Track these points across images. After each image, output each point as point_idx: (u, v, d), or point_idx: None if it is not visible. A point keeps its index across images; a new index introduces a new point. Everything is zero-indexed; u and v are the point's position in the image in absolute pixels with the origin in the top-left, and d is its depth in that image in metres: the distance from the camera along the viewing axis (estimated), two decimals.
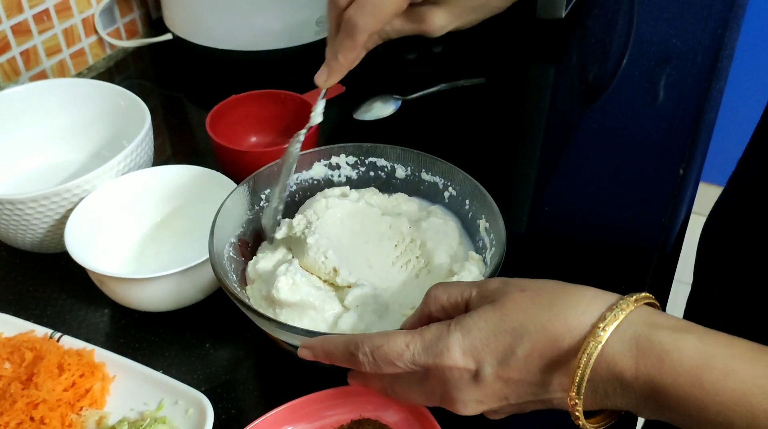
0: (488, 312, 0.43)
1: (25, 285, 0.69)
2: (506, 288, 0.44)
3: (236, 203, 0.63)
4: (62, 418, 0.54)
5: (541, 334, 0.41)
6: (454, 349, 0.43)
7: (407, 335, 0.45)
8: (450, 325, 0.44)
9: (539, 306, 0.42)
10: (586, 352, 0.39)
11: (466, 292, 0.46)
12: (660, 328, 0.39)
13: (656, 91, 0.93)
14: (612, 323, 0.39)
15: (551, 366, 0.41)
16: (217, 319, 0.65)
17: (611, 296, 0.42)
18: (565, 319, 0.41)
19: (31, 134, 0.78)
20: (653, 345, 0.38)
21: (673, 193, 0.76)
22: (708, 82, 0.92)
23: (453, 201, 0.66)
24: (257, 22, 0.93)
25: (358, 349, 0.46)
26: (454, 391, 0.44)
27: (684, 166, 0.79)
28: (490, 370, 0.42)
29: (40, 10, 0.91)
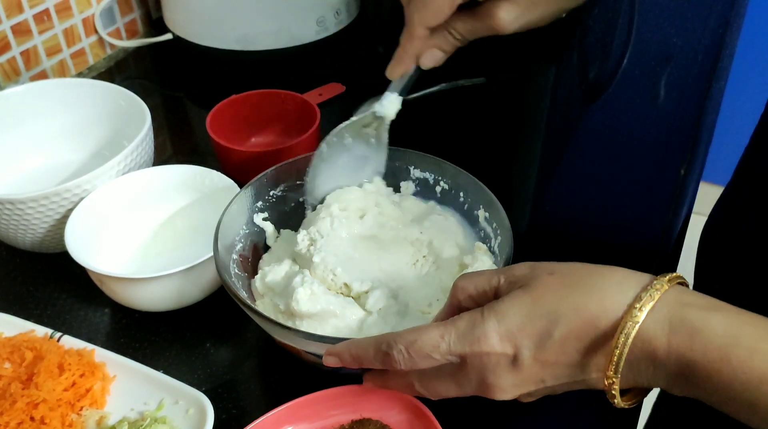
0: (520, 297, 0.43)
1: (26, 285, 0.69)
2: (534, 272, 0.45)
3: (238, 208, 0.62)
4: (62, 418, 0.54)
5: (577, 315, 0.42)
6: (491, 335, 0.43)
7: (440, 327, 0.45)
8: (483, 312, 0.44)
9: (571, 288, 0.42)
10: (623, 332, 0.40)
11: (494, 280, 0.47)
12: (691, 306, 0.40)
13: (657, 91, 0.93)
14: (648, 303, 0.40)
15: (588, 347, 0.42)
16: (218, 319, 0.65)
17: (643, 276, 0.42)
18: (600, 300, 0.41)
19: (31, 134, 0.78)
20: (684, 323, 0.39)
21: (674, 193, 0.76)
22: (709, 81, 0.92)
23: (446, 195, 0.66)
24: (258, 22, 0.93)
25: (392, 347, 0.46)
26: (492, 377, 0.44)
27: (685, 166, 0.79)
28: (528, 353, 0.43)
29: (41, 10, 0.91)
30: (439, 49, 0.62)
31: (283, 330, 0.52)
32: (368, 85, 0.91)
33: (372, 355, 0.47)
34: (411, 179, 0.68)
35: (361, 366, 0.49)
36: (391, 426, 0.53)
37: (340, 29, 0.98)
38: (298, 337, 0.52)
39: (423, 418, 0.52)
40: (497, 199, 0.60)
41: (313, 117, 0.77)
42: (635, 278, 0.42)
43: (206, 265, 0.60)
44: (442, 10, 0.57)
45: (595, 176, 0.81)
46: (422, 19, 0.58)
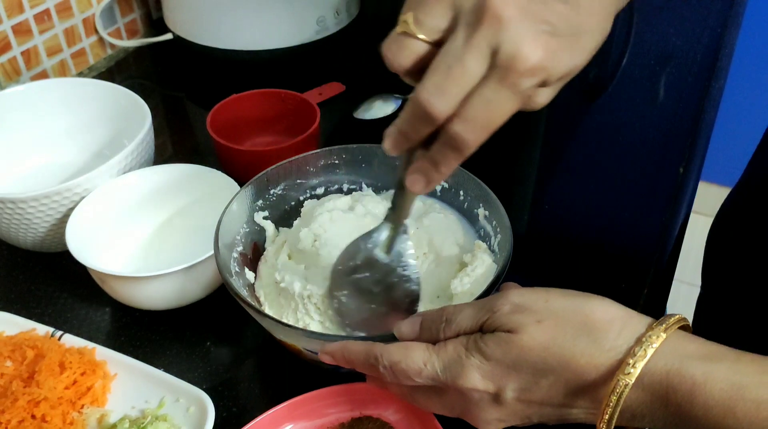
0: (506, 343, 0.42)
1: (27, 284, 0.69)
2: (521, 317, 0.42)
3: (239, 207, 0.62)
4: (63, 416, 0.54)
5: (566, 369, 0.41)
6: (473, 374, 0.43)
7: (425, 352, 0.45)
8: (467, 347, 0.43)
9: (561, 343, 0.41)
10: (615, 391, 0.39)
11: (482, 314, 0.45)
12: (691, 358, 0.39)
13: (656, 91, 0.93)
14: (642, 359, 0.39)
15: (576, 393, 0.41)
16: (218, 318, 0.65)
17: (639, 324, 0.41)
18: (590, 357, 0.40)
19: (32, 134, 0.78)
20: (684, 378, 0.38)
21: (674, 192, 0.76)
22: (708, 81, 0.92)
23: (446, 193, 0.66)
24: (258, 22, 0.93)
25: (378, 362, 0.46)
26: (475, 410, 0.44)
27: (684, 164, 0.79)
28: (511, 394, 0.42)
29: (41, 10, 0.91)
30: None
31: (284, 328, 0.52)
32: (368, 85, 0.92)
33: (361, 363, 0.47)
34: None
35: (353, 369, 0.49)
36: (391, 423, 0.54)
37: (340, 29, 0.98)
38: (298, 335, 0.53)
39: (422, 416, 0.53)
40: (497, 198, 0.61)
41: (313, 116, 0.77)
42: (631, 327, 0.40)
43: (207, 263, 0.61)
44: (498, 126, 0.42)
45: (594, 175, 0.81)
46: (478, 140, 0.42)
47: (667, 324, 0.40)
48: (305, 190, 0.67)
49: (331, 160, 0.67)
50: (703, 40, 1.01)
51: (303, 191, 0.67)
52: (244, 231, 0.63)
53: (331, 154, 0.66)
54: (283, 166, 0.65)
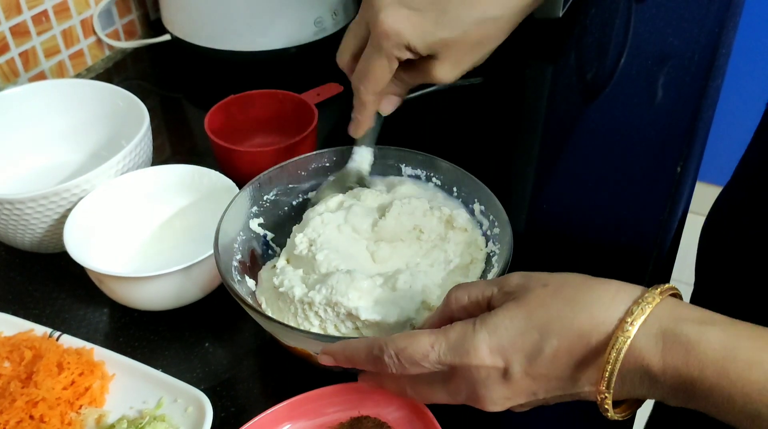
0: (512, 309, 0.43)
1: (24, 284, 0.69)
2: (528, 283, 0.44)
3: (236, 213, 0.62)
4: (62, 417, 0.54)
5: (568, 330, 0.41)
6: (482, 348, 0.43)
7: (431, 335, 0.45)
8: (475, 323, 0.44)
9: (564, 302, 0.42)
10: (615, 347, 0.39)
11: (488, 291, 0.46)
12: (685, 320, 0.40)
13: (654, 90, 0.93)
14: (639, 317, 0.40)
15: (580, 361, 0.42)
16: (216, 318, 0.65)
17: (635, 289, 0.42)
18: (591, 315, 0.41)
19: (30, 135, 0.78)
20: (679, 338, 0.39)
21: (671, 191, 0.76)
22: (705, 80, 0.92)
23: (439, 190, 0.67)
24: (255, 23, 0.93)
25: (383, 351, 0.46)
26: (482, 390, 0.44)
27: (681, 164, 0.79)
28: (518, 367, 0.43)
29: (39, 11, 0.91)
30: (393, 94, 0.65)
31: (284, 329, 0.52)
32: None
33: (364, 358, 0.47)
34: (403, 177, 0.68)
35: (355, 367, 0.49)
36: (390, 423, 0.54)
37: (337, 30, 0.98)
38: (299, 336, 0.53)
39: (421, 415, 0.53)
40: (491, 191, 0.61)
41: (311, 117, 0.77)
42: (627, 291, 0.42)
43: (205, 264, 0.61)
44: (383, 78, 0.60)
45: (592, 175, 0.81)
46: (367, 89, 0.61)
47: (662, 289, 0.41)
48: (297, 195, 0.67)
49: (321, 162, 0.67)
50: (701, 41, 1.01)
51: (296, 196, 0.67)
52: (241, 239, 0.63)
53: (322, 157, 0.66)
54: (275, 172, 0.65)
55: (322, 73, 0.96)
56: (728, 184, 0.71)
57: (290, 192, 0.67)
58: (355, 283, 0.55)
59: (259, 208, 0.65)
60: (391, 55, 0.58)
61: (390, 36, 0.57)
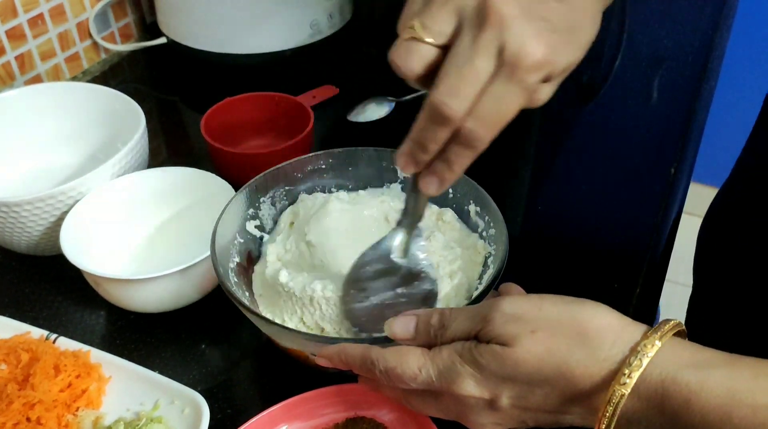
0: (500, 356, 0.42)
1: (21, 287, 0.69)
2: (515, 329, 0.42)
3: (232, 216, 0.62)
4: (58, 419, 0.54)
5: (561, 379, 0.41)
6: (468, 382, 0.43)
7: (420, 358, 0.45)
8: (462, 354, 0.44)
9: (556, 354, 0.41)
10: (612, 401, 0.39)
11: (475, 324, 0.45)
12: (686, 366, 0.39)
13: (649, 92, 0.93)
14: (637, 369, 0.39)
15: (572, 401, 0.41)
16: (213, 320, 0.65)
17: (635, 333, 0.40)
18: (585, 367, 0.40)
19: (26, 137, 0.78)
20: (679, 386, 0.38)
21: (665, 193, 0.77)
22: (699, 82, 0.93)
23: None
24: (252, 26, 0.94)
25: (374, 366, 0.46)
26: (470, 415, 0.44)
27: (675, 165, 0.80)
28: (507, 401, 0.43)
29: (35, 14, 0.92)
30: None
31: (281, 330, 0.53)
32: (361, 88, 0.92)
33: (358, 366, 0.48)
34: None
35: (351, 370, 0.49)
36: (385, 424, 0.54)
37: (333, 32, 0.98)
38: (296, 338, 0.53)
39: (416, 415, 0.53)
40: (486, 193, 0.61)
41: (307, 119, 0.77)
42: (626, 336, 0.40)
43: (201, 266, 0.61)
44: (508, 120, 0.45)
45: (587, 176, 0.81)
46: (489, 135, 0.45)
47: (662, 331, 0.40)
48: (294, 196, 0.68)
49: (317, 165, 0.67)
50: (695, 43, 1.01)
51: (293, 198, 0.67)
52: (238, 241, 0.63)
53: (318, 159, 0.66)
54: (271, 174, 0.65)
55: (318, 75, 0.96)
56: (726, 182, 0.72)
57: (286, 194, 0.67)
58: None
59: (256, 211, 0.65)
60: (531, 90, 0.43)
61: (541, 68, 0.41)
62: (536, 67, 0.41)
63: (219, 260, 0.57)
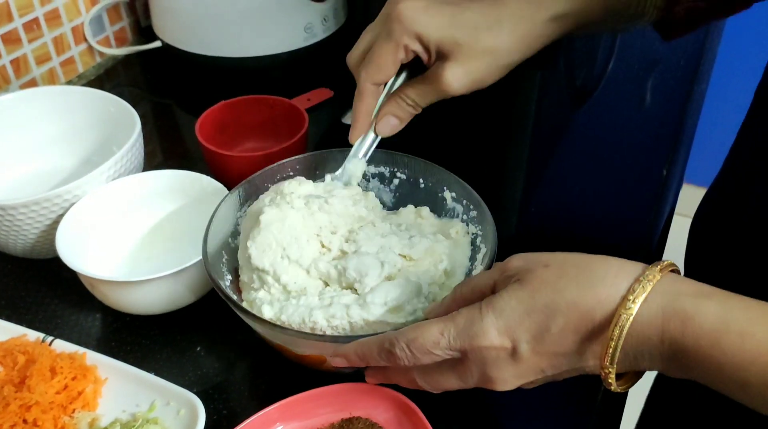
0: (517, 291, 0.45)
1: (17, 290, 0.70)
2: (529, 265, 0.46)
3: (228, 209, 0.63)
4: (55, 421, 0.55)
5: (573, 309, 0.43)
6: (490, 330, 0.44)
7: (439, 323, 0.46)
8: (481, 307, 0.45)
9: (567, 281, 0.43)
10: (618, 324, 0.41)
11: (490, 278, 0.48)
12: (683, 294, 0.41)
13: (641, 95, 0.94)
14: (641, 295, 0.41)
15: (585, 337, 0.43)
16: (208, 322, 0.66)
17: (636, 266, 0.43)
18: (595, 293, 0.42)
19: (21, 141, 0.79)
20: (677, 311, 0.40)
21: (657, 193, 0.78)
22: (691, 84, 0.94)
23: (404, 184, 0.68)
24: (246, 29, 0.94)
25: (394, 345, 0.47)
26: (493, 371, 0.45)
27: (667, 166, 0.80)
28: (526, 346, 0.44)
29: (30, 18, 0.92)
30: (393, 115, 0.63)
31: (274, 329, 0.53)
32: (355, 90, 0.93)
33: (376, 353, 0.49)
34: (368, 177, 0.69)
35: (368, 364, 0.50)
36: (381, 424, 0.54)
37: (327, 35, 0.99)
38: (288, 336, 0.53)
39: (411, 414, 0.53)
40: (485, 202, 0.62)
41: (302, 122, 0.77)
42: (628, 269, 0.43)
43: (196, 268, 0.61)
44: (387, 65, 0.59)
45: (580, 177, 0.82)
46: (368, 76, 0.60)
47: (661, 265, 0.43)
48: None
49: (309, 165, 0.67)
50: (686, 46, 1.02)
51: None
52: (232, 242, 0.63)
53: (285, 168, 0.67)
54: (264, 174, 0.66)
55: (313, 78, 0.97)
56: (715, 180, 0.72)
57: None
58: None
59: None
60: (399, 41, 0.57)
61: (402, 20, 0.56)
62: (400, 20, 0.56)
63: (210, 260, 0.57)
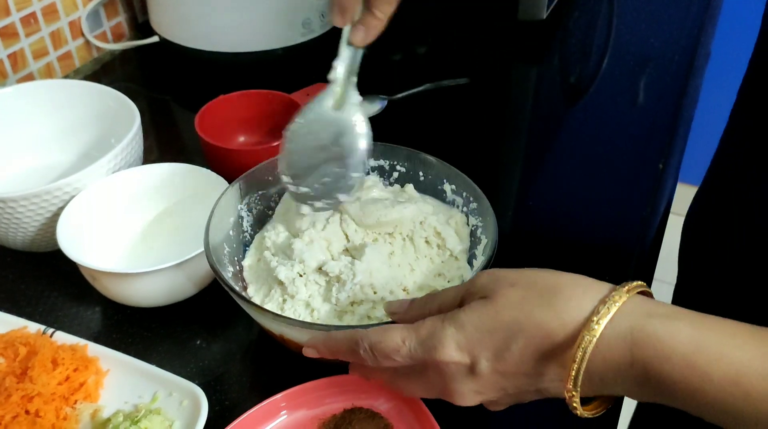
0: (480, 308, 0.44)
1: (17, 283, 0.70)
2: (496, 283, 0.45)
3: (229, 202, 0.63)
4: (57, 412, 0.55)
5: (535, 329, 0.42)
6: (449, 344, 0.44)
7: (403, 330, 0.46)
8: (444, 319, 0.45)
9: (531, 302, 0.43)
10: (581, 346, 0.40)
11: (459, 293, 0.48)
12: (653, 316, 0.40)
13: (636, 90, 0.95)
14: (605, 316, 0.40)
15: (546, 358, 0.42)
16: (209, 314, 0.66)
17: (603, 287, 0.42)
18: (557, 314, 0.42)
19: (20, 135, 0.79)
20: (647, 334, 0.39)
21: (653, 188, 0.78)
22: (685, 80, 0.95)
23: (403, 177, 0.69)
24: (244, 24, 0.94)
25: (359, 345, 0.47)
26: (452, 384, 0.45)
27: (663, 161, 0.81)
28: (485, 363, 0.44)
29: (27, 13, 0.92)
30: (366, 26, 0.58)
31: (274, 318, 0.53)
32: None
33: (344, 350, 0.49)
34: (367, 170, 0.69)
35: (337, 358, 0.50)
36: (382, 414, 0.54)
37: (325, 31, 0.99)
38: (287, 325, 0.53)
39: (413, 406, 0.54)
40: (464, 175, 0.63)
41: None
42: (595, 290, 0.42)
43: (197, 260, 0.61)
44: None
45: (576, 173, 0.83)
46: None
47: (630, 286, 0.42)
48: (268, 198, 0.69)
49: (264, 177, 0.67)
50: (681, 41, 1.03)
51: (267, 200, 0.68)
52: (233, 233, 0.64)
53: (262, 170, 0.66)
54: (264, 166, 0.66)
55: (311, 73, 0.97)
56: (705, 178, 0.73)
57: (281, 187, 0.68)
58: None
59: (249, 203, 0.66)
60: None
61: None
62: None
63: (213, 253, 0.58)
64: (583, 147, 0.87)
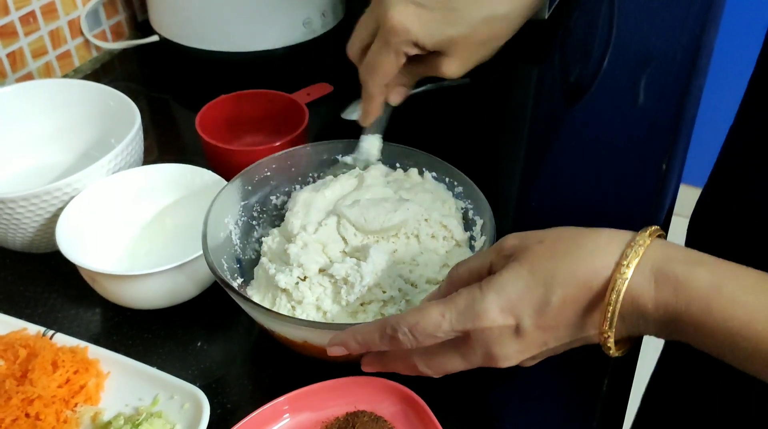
0: (515, 268, 0.45)
1: (16, 284, 0.69)
2: (524, 242, 0.46)
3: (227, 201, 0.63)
4: (57, 415, 0.54)
5: (571, 280, 0.43)
6: (492, 309, 0.45)
7: (439, 305, 0.47)
8: (481, 286, 0.46)
9: (562, 254, 0.44)
10: (614, 289, 0.42)
11: (487, 259, 0.49)
12: (674, 260, 0.42)
13: (637, 90, 0.95)
14: (634, 259, 0.42)
15: (585, 307, 0.44)
16: (210, 316, 0.65)
17: (625, 234, 0.44)
18: (590, 263, 0.43)
19: (19, 135, 0.78)
20: (668, 276, 0.41)
21: (657, 188, 0.78)
22: (688, 79, 0.94)
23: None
24: (244, 24, 0.94)
25: (396, 330, 0.47)
26: (496, 348, 0.46)
27: (666, 160, 0.81)
28: (529, 321, 0.44)
29: (26, 11, 0.91)
30: (402, 85, 0.67)
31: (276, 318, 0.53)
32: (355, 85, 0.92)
33: (378, 339, 0.49)
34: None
35: (369, 350, 0.50)
36: (385, 417, 0.54)
37: (326, 31, 0.99)
38: (291, 325, 0.53)
39: (416, 407, 0.53)
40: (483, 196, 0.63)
41: (302, 116, 0.77)
42: (619, 237, 0.44)
43: (198, 262, 0.61)
44: (390, 72, 0.63)
45: (579, 173, 0.82)
46: (374, 82, 0.64)
47: (650, 231, 0.44)
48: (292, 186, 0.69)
49: (262, 174, 0.67)
50: (683, 41, 1.03)
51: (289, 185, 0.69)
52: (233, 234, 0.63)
53: (261, 167, 0.67)
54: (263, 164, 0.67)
55: (312, 73, 0.97)
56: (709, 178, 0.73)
57: (280, 186, 0.67)
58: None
59: (249, 203, 0.65)
60: (398, 51, 0.61)
61: (398, 32, 0.59)
62: (394, 30, 0.59)
63: (212, 253, 0.57)
64: (585, 147, 0.87)
